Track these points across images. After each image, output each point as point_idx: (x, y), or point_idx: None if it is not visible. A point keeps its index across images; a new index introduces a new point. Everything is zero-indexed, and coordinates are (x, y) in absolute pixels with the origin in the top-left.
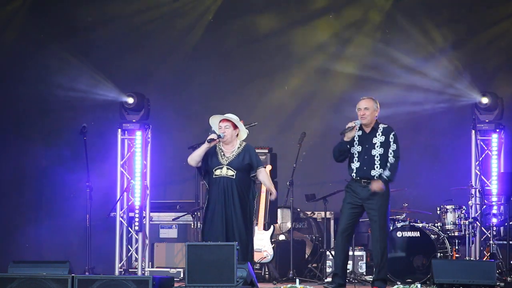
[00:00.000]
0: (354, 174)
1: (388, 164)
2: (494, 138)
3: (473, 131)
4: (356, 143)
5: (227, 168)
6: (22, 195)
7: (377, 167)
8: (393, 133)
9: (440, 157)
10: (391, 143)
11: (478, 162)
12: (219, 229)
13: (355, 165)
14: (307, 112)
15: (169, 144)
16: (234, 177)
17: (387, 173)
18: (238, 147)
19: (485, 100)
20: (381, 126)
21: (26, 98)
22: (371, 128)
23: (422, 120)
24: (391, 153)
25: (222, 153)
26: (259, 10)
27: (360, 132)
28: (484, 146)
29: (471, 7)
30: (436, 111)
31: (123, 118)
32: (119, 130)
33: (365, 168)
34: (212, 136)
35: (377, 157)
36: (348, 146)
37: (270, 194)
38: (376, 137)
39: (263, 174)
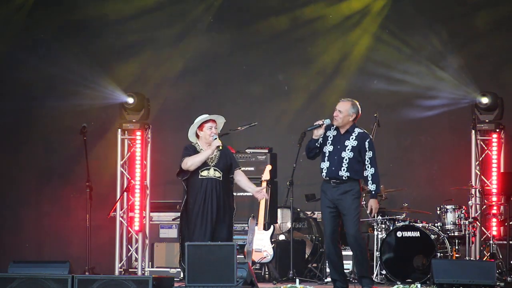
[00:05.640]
0: (324, 174)
1: (370, 176)
2: (494, 138)
3: (473, 131)
4: (329, 143)
5: (214, 170)
6: (22, 195)
7: (344, 169)
8: (368, 139)
9: (440, 157)
10: (367, 149)
11: (478, 162)
12: (203, 231)
13: (325, 164)
14: (307, 112)
15: (169, 144)
16: (220, 179)
17: (372, 187)
18: None
19: (485, 100)
20: (356, 130)
21: (26, 98)
22: (345, 130)
23: (422, 120)
24: (367, 161)
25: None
26: (259, 10)
27: (335, 132)
28: (484, 146)
29: (471, 7)
30: (436, 111)
31: (123, 118)
32: (119, 130)
33: (333, 168)
34: (218, 142)
35: (346, 159)
36: (320, 144)
37: (260, 197)
38: (349, 140)
39: (242, 175)
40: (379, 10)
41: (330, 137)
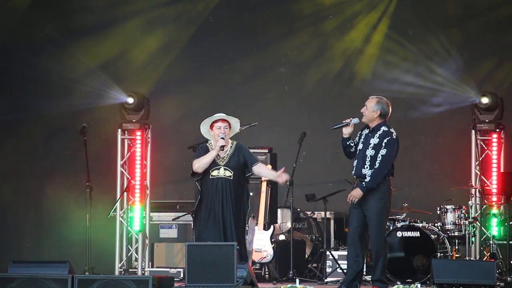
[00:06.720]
0: (353, 172)
1: (373, 170)
2: (494, 138)
3: (473, 131)
4: (361, 141)
5: (224, 169)
6: (22, 195)
7: (367, 167)
8: (388, 138)
9: (440, 157)
10: (383, 146)
11: (478, 162)
12: (217, 230)
13: (354, 162)
14: (307, 112)
15: (169, 144)
16: (231, 178)
17: (367, 178)
18: (231, 147)
19: (485, 100)
20: (382, 129)
21: (26, 98)
22: (372, 128)
23: (422, 120)
24: (379, 157)
25: (217, 154)
26: (259, 10)
27: (367, 131)
28: (484, 146)
29: (471, 7)
30: (436, 111)
31: (123, 118)
32: (119, 130)
33: (358, 166)
34: (222, 142)
35: (368, 157)
36: (355, 144)
37: (281, 180)
38: (373, 138)
39: (262, 167)
40: (379, 12)
41: (363, 136)
